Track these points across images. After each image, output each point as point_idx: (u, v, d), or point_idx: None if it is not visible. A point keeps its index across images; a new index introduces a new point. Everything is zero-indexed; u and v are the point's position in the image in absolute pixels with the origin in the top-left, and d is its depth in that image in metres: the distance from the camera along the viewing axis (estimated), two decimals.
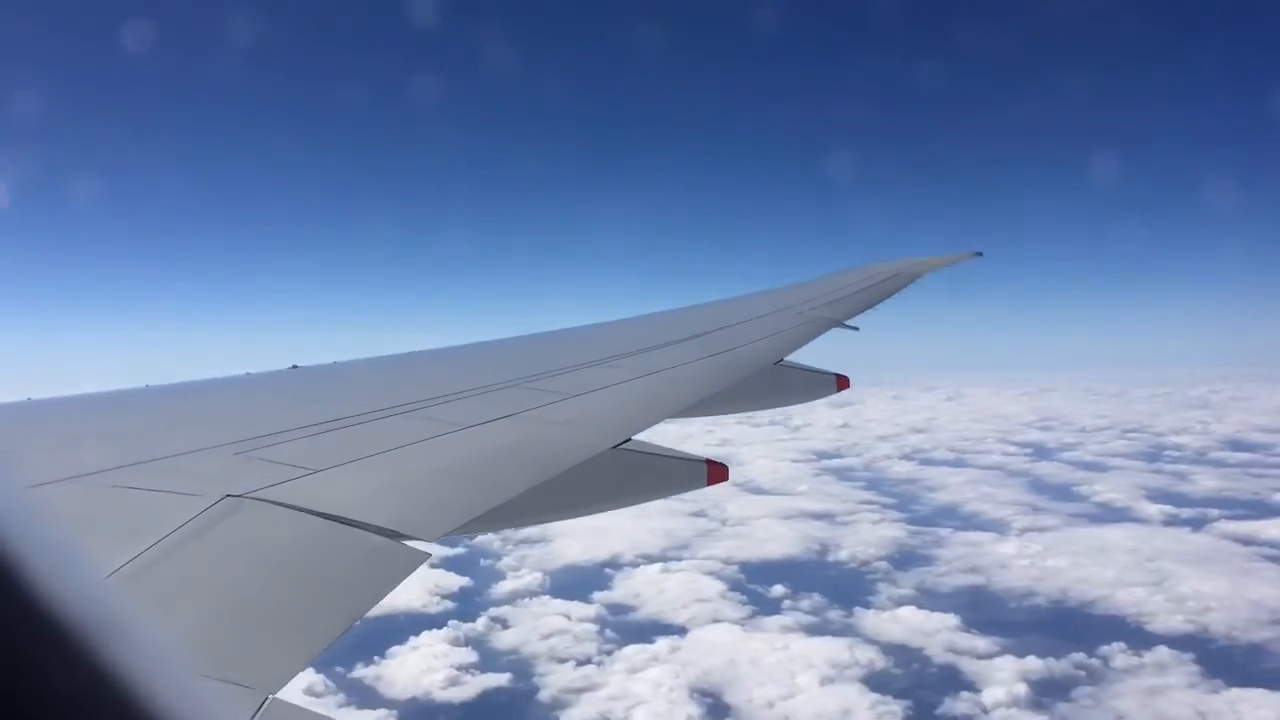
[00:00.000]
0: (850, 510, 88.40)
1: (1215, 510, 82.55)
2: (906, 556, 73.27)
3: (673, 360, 7.05)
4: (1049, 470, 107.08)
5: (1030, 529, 79.13)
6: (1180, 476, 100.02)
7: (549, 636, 58.30)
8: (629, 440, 5.15)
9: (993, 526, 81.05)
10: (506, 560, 74.46)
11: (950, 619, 58.68)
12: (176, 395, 6.38)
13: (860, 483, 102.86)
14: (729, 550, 74.92)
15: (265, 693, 2.45)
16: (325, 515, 3.53)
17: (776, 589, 65.64)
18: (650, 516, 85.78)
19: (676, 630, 59.01)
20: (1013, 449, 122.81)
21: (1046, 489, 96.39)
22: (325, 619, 3.05)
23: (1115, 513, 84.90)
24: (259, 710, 2.37)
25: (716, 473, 5.41)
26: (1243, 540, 73.42)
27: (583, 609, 62.69)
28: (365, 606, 3.16)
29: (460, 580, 68.76)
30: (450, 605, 64.33)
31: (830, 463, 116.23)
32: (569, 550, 75.29)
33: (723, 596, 64.55)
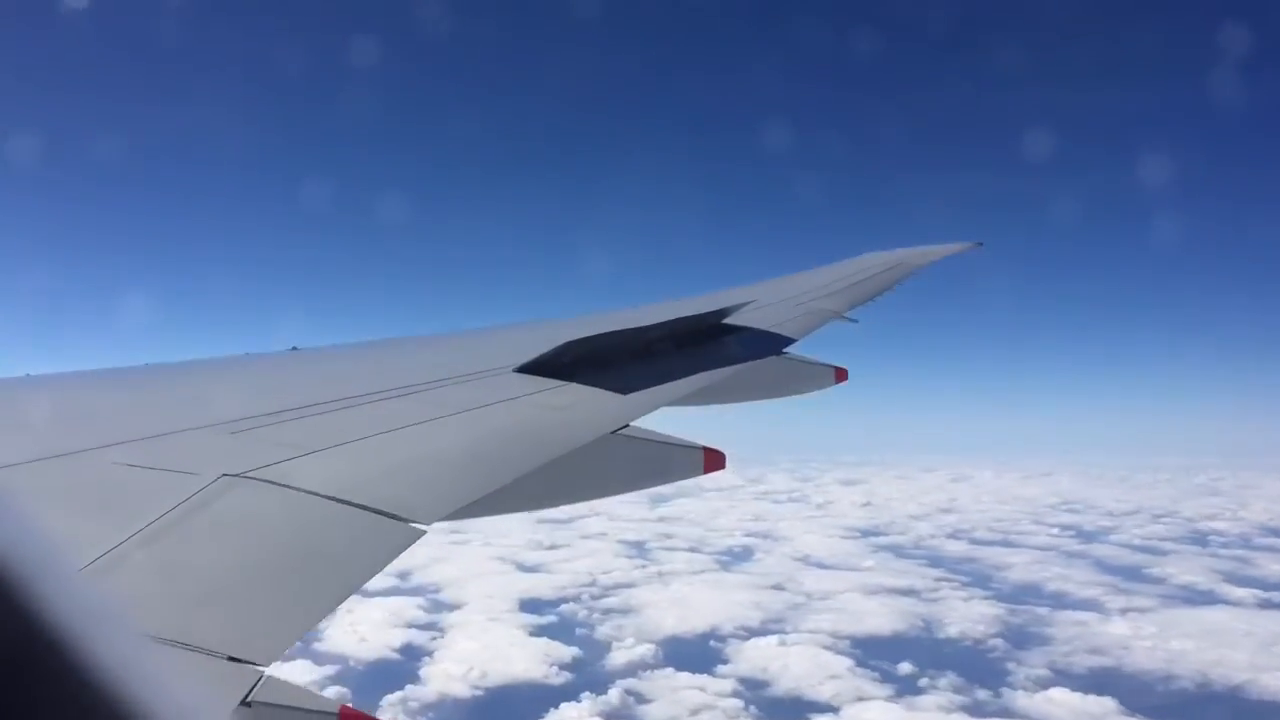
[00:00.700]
0: (930, 587, 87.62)
1: None
2: (1018, 635, 72.14)
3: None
4: (1107, 552, 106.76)
5: (1130, 610, 78.40)
6: (1243, 561, 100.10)
7: (697, 712, 55.87)
8: (626, 426, 5.10)
9: (1088, 606, 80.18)
10: (601, 630, 72.54)
11: (1108, 702, 57.14)
12: (174, 374, 6.31)
13: (922, 560, 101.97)
14: (832, 624, 73.33)
15: (259, 668, 2.48)
16: (321, 495, 3.52)
17: (904, 666, 63.73)
18: (732, 589, 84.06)
19: (825, 708, 57.04)
20: (1055, 530, 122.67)
21: (1115, 570, 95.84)
22: (318, 595, 3.07)
23: (1203, 595, 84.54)
24: (254, 686, 2.42)
25: (713, 460, 5.33)
26: None
27: (715, 683, 60.50)
28: (358, 583, 3.17)
29: (569, 650, 66.30)
30: (570, 676, 61.79)
31: (878, 540, 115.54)
32: (663, 620, 73.78)
33: (852, 673, 62.66)
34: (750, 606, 78.11)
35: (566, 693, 58.63)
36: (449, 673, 60.99)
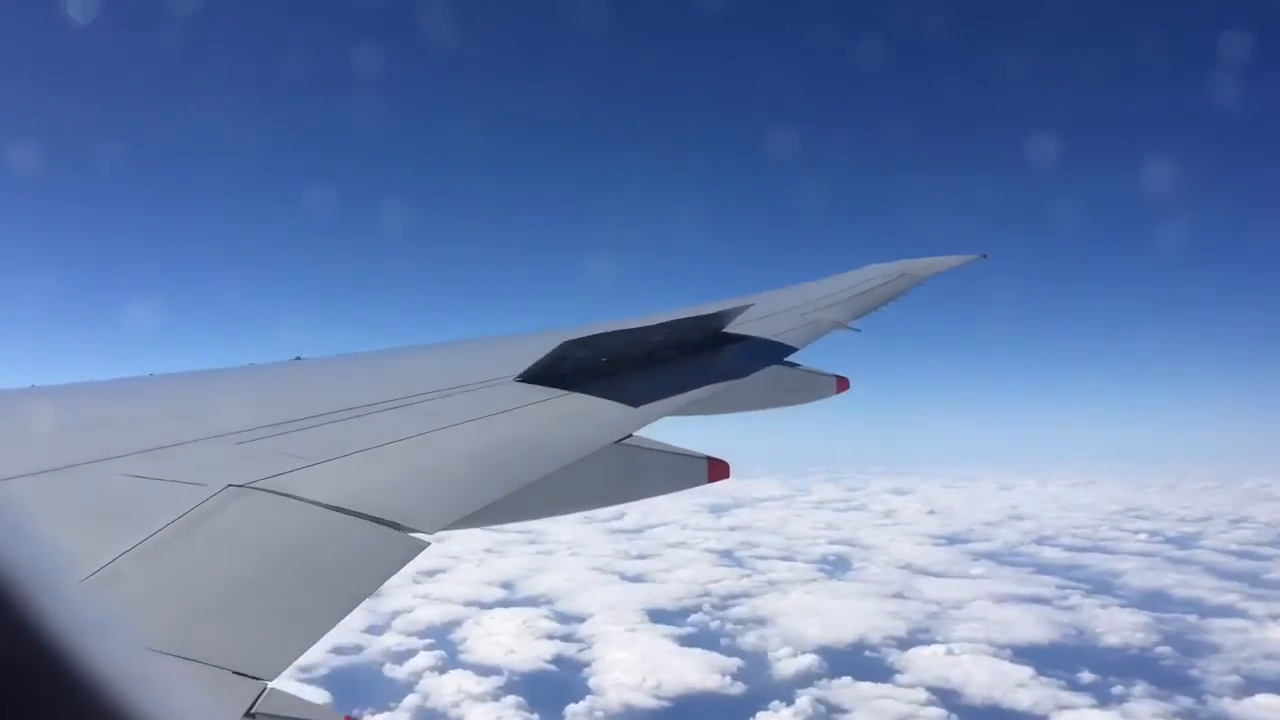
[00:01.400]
0: (1056, 595, 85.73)
1: None
2: (1183, 643, 70.22)
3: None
4: (1211, 559, 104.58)
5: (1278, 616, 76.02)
6: None
7: None
8: (630, 436, 5.08)
9: (1232, 613, 78.23)
10: (745, 640, 70.47)
11: None
12: (180, 385, 6.38)
13: (1027, 567, 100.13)
14: (984, 633, 71.06)
15: (263, 681, 2.48)
16: (326, 506, 3.50)
17: (1085, 675, 61.40)
18: (855, 598, 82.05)
19: (1031, 717, 54.85)
20: (1143, 536, 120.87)
21: (1235, 575, 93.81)
22: (323, 607, 3.04)
23: None
24: (257, 699, 2.41)
25: (717, 470, 5.20)
26: None
27: (903, 692, 58.08)
28: (363, 594, 3.15)
29: (729, 660, 64.11)
30: (744, 687, 59.39)
31: (967, 547, 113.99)
32: (805, 630, 71.20)
33: (1037, 681, 60.31)
34: (886, 616, 76.33)
35: (751, 703, 56.71)
36: (623, 683, 58.46)
